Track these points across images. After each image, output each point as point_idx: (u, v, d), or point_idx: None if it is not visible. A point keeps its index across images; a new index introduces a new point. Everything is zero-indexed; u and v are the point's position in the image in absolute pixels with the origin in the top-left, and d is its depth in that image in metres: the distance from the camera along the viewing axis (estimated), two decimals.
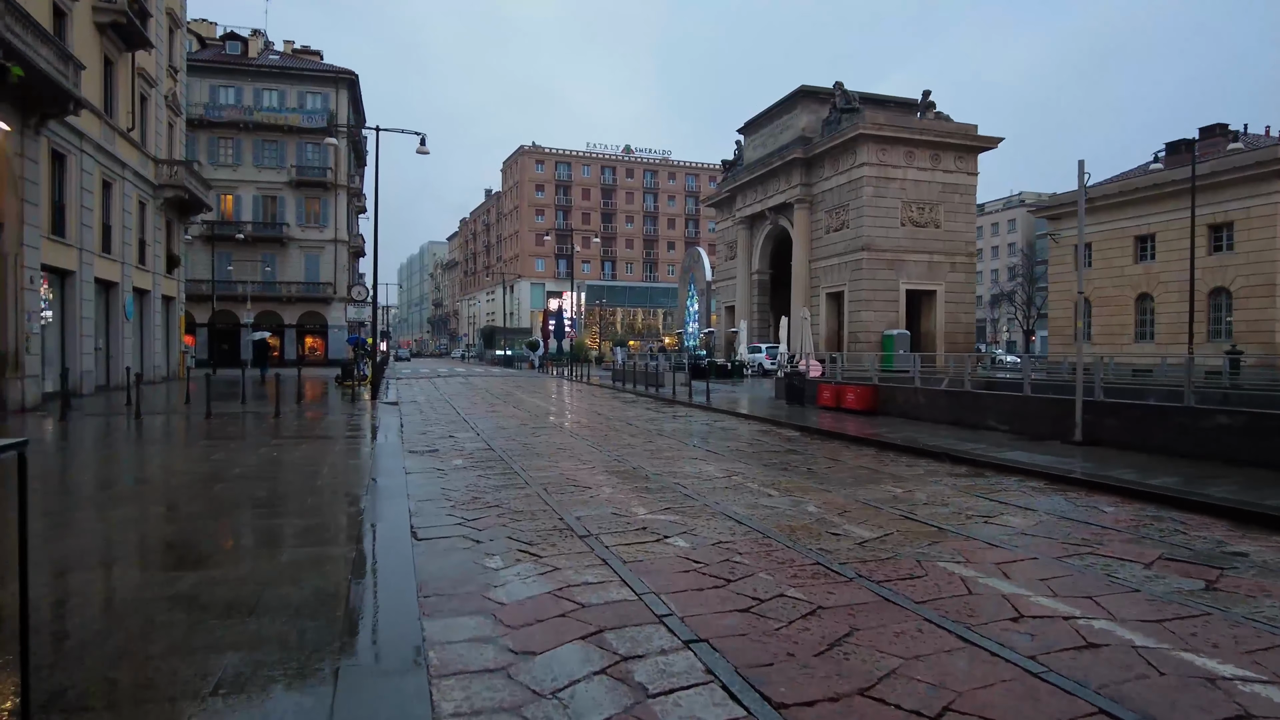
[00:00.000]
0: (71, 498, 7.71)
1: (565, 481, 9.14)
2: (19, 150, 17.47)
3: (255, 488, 8.11)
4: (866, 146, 40.37)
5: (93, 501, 7.53)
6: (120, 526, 6.47)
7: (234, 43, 52.91)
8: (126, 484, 8.61)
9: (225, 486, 8.15)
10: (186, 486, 8.25)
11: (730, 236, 54.94)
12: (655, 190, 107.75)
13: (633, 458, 11.09)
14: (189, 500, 7.49)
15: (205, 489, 8.04)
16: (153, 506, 7.27)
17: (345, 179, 52.22)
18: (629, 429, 15.13)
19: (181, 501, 7.46)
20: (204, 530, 6.28)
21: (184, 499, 7.57)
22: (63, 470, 9.35)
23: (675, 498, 8.17)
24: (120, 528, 6.43)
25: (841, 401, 17.51)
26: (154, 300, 27.30)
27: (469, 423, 16.18)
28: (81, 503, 7.45)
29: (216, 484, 8.29)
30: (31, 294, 17.90)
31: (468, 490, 8.62)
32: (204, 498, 7.62)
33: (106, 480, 8.81)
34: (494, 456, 11.26)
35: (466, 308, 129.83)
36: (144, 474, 9.17)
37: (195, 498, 7.62)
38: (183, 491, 7.98)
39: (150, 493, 8.01)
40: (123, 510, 7.05)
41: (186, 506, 7.22)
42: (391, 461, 10.18)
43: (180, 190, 27.90)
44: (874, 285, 40.77)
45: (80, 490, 8.16)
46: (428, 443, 12.90)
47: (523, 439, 13.38)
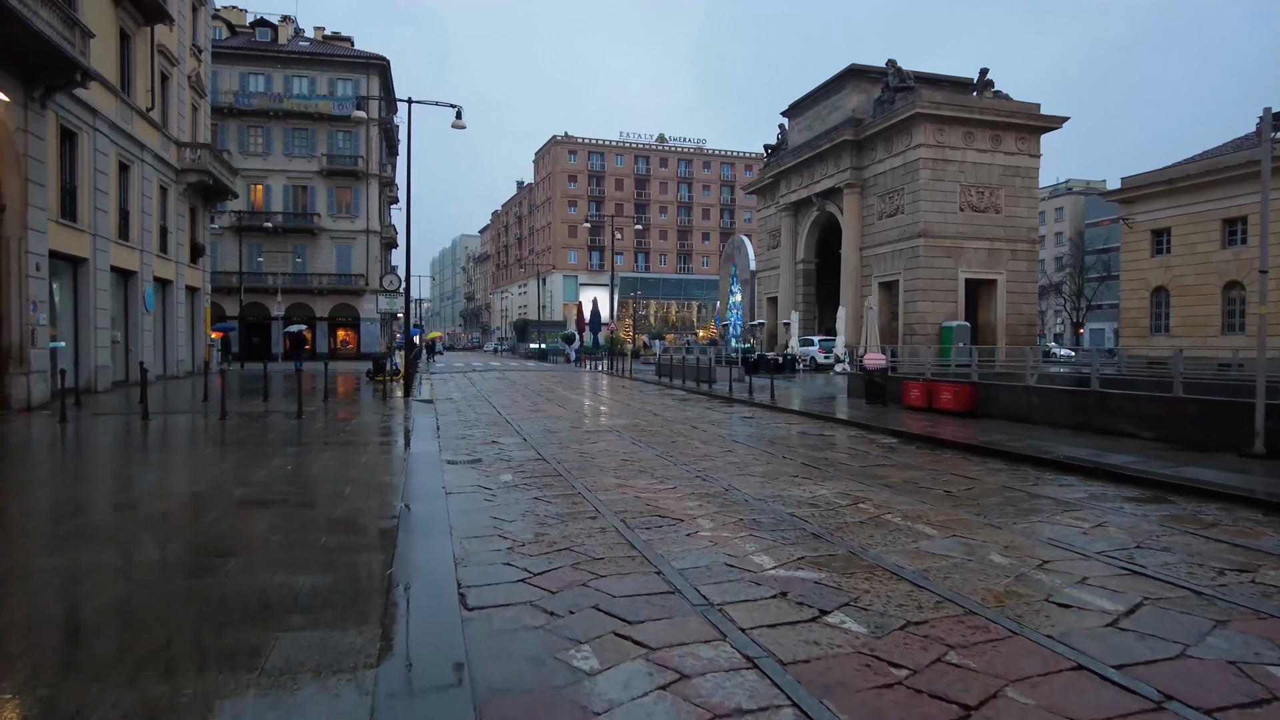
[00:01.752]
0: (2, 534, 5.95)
1: (646, 509, 7.22)
2: (22, 125, 15.94)
3: (254, 520, 6.29)
4: (923, 127, 37.96)
5: (28, 541, 5.75)
6: (43, 589, 4.67)
7: (264, 29, 51.72)
8: (92, 514, 6.85)
9: (216, 518, 6.35)
10: (162, 520, 6.46)
11: (773, 224, 52.70)
12: (690, 180, 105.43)
13: (717, 473, 9.13)
14: (160, 543, 5.68)
15: (190, 522, 6.25)
16: (104, 553, 5.42)
17: (377, 168, 50.82)
18: (697, 434, 13.17)
19: (148, 545, 5.64)
20: (158, 602, 4.45)
21: (152, 540, 5.75)
22: (18, 491, 7.64)
23: (801, 537, 6.21)
24: (42, 591, 4.63)
25: (934, 401, 15.39)
26: (177, 291, 25.88)
27: (512, 425, 14.34)
28: (10, 545, 5.67)
29: (206, 514, 6.49)
30: (37, 282, 16.39)
31: (525, 521, 6.74)
32: (182, 537, 5.82)
33: (66, 508, 7.06)
34: (548, 470, 9.38)
35: (499, 301, 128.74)
36: (119, 498, 7.41)
37: (170, 538, 5.81)
38: (155, 529, 6.18)
39: (111, 529, 6.22)
40: (60, 559, 5.24)
41: (150, 553, 5.39)
42: (428, 478, 8.34)
43: (204, 175, 26.45)
44: (931, 274, 38.40)
45: (19, 525, 6.40)
46: (468, 450, 11.08)
47: (578, 446, 11.49)
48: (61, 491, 7.52)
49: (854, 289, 43.21)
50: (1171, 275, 35.08)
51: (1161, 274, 35.75)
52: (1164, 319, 36.13)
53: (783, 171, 49.48)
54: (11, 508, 6.70)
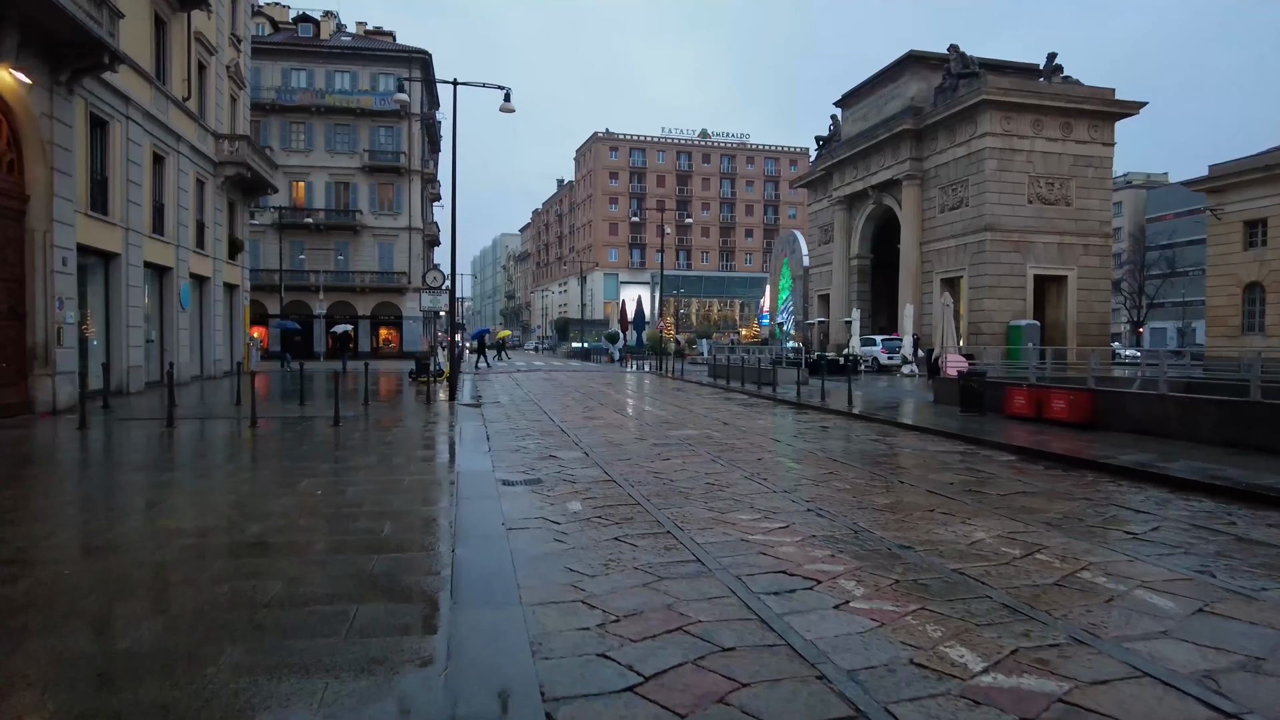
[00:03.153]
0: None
1: (762, 560, 5.63)
2: (47, 110, 14.90)
3: (264, 579, 4.84)
4: (989, 114, 35.79)
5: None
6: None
7: (306, 25, 51.21)
8: (41, 566, 5.47)
9: (215, 576, 4.91)
10: (137, 580, 5.04)
11: (825, 219, 50.71)
12: (733, 176, 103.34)
13: (830, 505, 7.51)
14: (123, 621, 4.26)
15: (180, 581, 4.82)
16: (22, 644, 4.04)
17: (419, 164, 49.95)
18: (781, 448, 11.55)
19: (117, 622, 4.23)
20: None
21: (115, 614, 4.33)
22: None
23: (992, 612, 4.57)
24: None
25: (1044, 410, 13.53)
26: (214, 288, 24.95)
27: (568, 434, 12.86)
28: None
29: (202, 567, 5.06)
30: (63, 277, 15.37)
31: (612, 576, 5.19)
32: (160, 610, 4.39)
33: (15, 553, 5.71)
34: (622, 497, 7.85)
35: (539, 299, 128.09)
36: (94, 538, 6.02)
37: (139, 613, 4.39)
38: (123, 592, 4.76)
39: (57, 592, 4.82)
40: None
41: (96, 644, 3.98)
42: (483, 508, 6.87)
43: (242, 168, 25.49)
44: (998, 270, 36.20)
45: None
46: (525, 467, 9.60)
47: (648, 463, 9.94)
48: (26, 527, 6.18)
49: (913, 286, 41.17)
50: (1268, 270, 32.41)
51: (1256, 269, 33.08)
52: (1258, 317, 33.45)
53: (836, 163, 47.53)
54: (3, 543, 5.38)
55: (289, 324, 34.85)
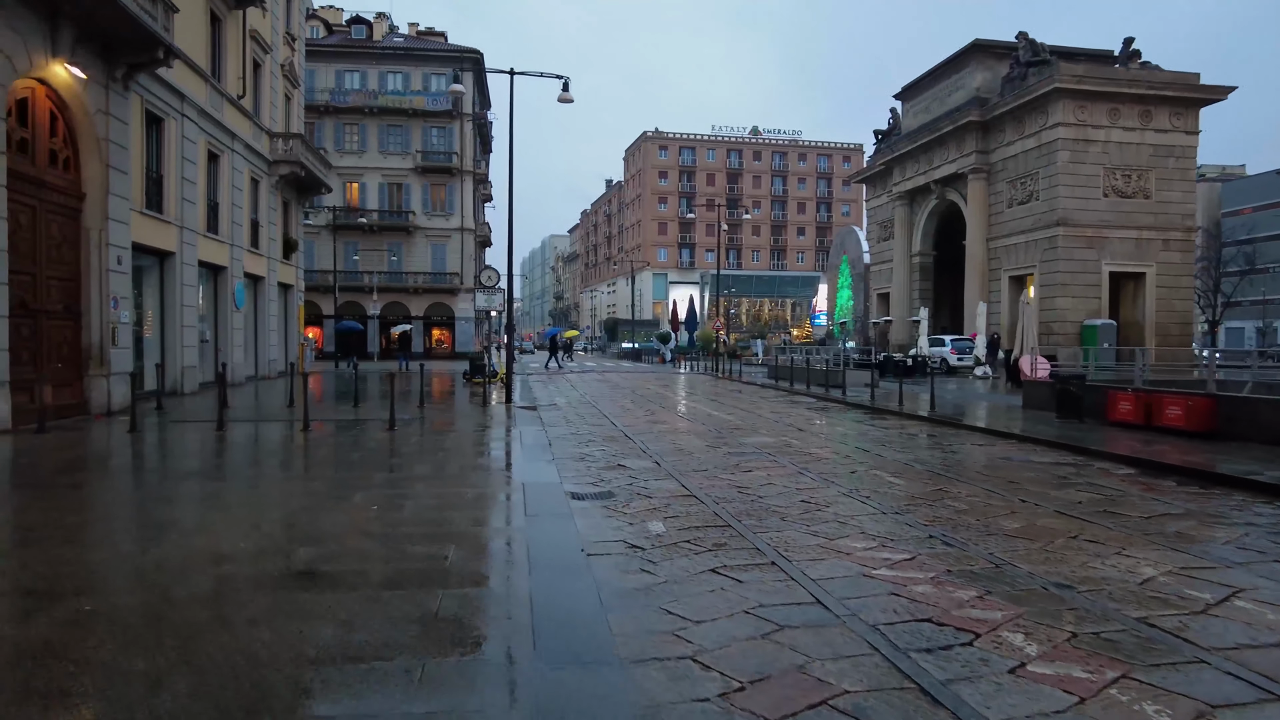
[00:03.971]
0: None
1: (898, 602, 4.70)
2: (103, 107, 14.63)
3: (311, 622, 4.08)
4: (1062, 103, 33.97)
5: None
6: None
7: (359, 26, 51.48)
8: (58, 601, 4.80)
9: (252, 616, 4.17)
10: (167, 620, 4.33)
11: (884, 214, 49.11)
12: (784, 173, 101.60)
13: (956, 531, 6.52)
14: (149, 680, 3.52)
15: (210, 620, 4.09)
16: (21, 711, 3.34)
17: (471, 164, 49.80)
18: (872, 459, 10.54)
19: (134, 683, 3.50)
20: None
21: (142, 671, 3.60)
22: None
23: (1217, 683, 3.58)
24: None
25: (1156, 417, 12.24)
26: (269, 287, 24.79)
27: (634, 440, 12.02)
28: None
29: (240, 604, 4.33)
30: (118, 276, 15.09)
31: (720, 623, 4.32)
32: (191, 661, 3.65)
33: (60, 580, 5.07)
34: (707, 516, 6.97)
35: (588, 300, 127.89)
36: (136, 564, 5.36)
37: (164, 671, 3.65)
38: (143, 640, 4.05)
39: (81, 641, 4.13)
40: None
41: (123, 711, 3.24)
42: (555, 529, 6.07)
43: (296, 167, 25.29)
44: (1071, 267, 34.35)
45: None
46: (593, 478, 8.79)
47: (728, 476, 9.04)
48: (55, 548, 5.55)
49: (979, 284, 39.49)
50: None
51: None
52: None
53: (896, 158, 45.94)
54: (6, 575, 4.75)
55: (352, 324, 34.36)
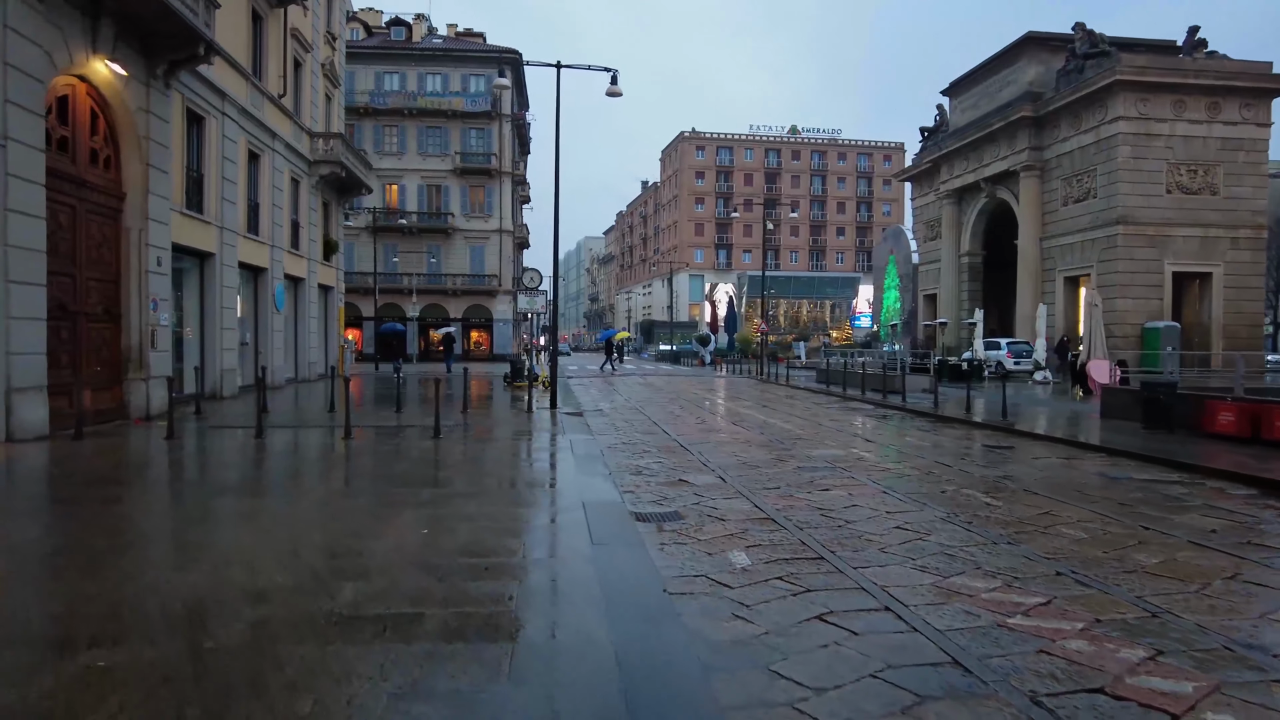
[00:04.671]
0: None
1: (1054, 664, 3.88)
2: (143, 105, 14.29)
3: (358, 676, 3.41)
4: (1122, 96, 32.50)
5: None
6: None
7: (398, 28, 51.49)
8: (75, 662, 4.19)
9: (298, 674, 3.49)
10: (197, 679, 3.67)
11: (931, 214, 47.79)
12: (824, 172, 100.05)
13: (1092, 568, 5.66)
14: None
15: (249, 684, 3.41)
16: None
17: (509, 166, 49.48)
18: (964, 479, 9.65)
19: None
20: None
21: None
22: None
23: None
24: None
25: (1265, 430, 11.17)
26: (309, 289, 24.50)
27: (691, 451, 11.27)
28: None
29: (281, 656, 3.67)
30: (158, 277, 14.75)
31: (845, 689, 3.55)
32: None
33: (67, 625, 4.48)
34: (794, 544, 6.20)
35: (623, 302, 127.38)
36: (156, 602, 4.73)
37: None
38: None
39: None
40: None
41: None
42: (628, 561, 5.35)
43: (337, 167, 24.98)
44: (1131, 267, 32.83)
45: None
46: (656, 495, 8.06)
47: (805, 495, 8.25)
48: (70, 581, 4.97)
49: (1032, 285, 38.14)
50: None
51: None
52: None
53: (944, 155, 44.65)
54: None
55: (395, 326, 33.74)
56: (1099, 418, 15.24)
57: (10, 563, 5.22)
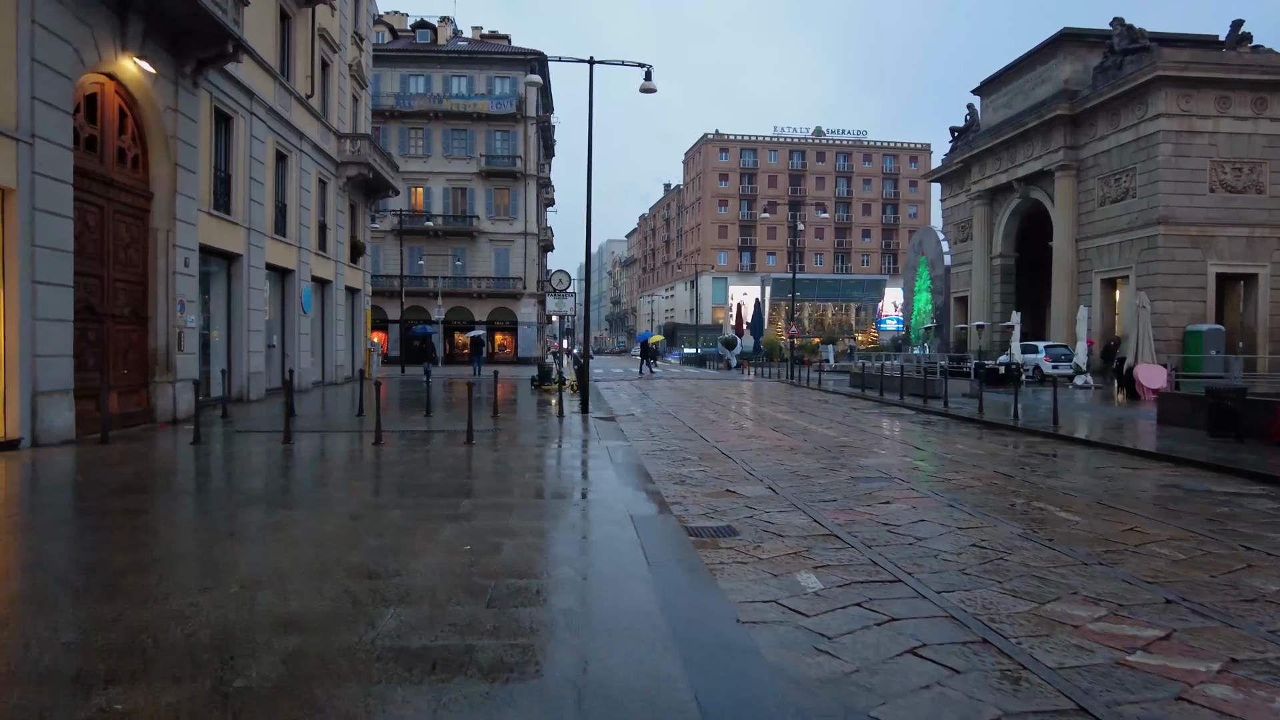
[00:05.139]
0: None
1: (1203, 718, 3.39)
2: (171, 103, 14.07)
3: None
4: (1164, 93, 31.59)
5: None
6: None
7: (424, 31, 51.50)
8: (73, 713, 3.78)
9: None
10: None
11: (961, 215, 46.97)
12: (849, 174, 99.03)
13: (1205, 595, 5.09)
14: None
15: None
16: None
17: (534, 168, 49.26)
18: (1033, 491, 9.07)
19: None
20: None
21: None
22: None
23: None
24: None
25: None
26: (336, 291, 24.29)
27: (734, 459, 10.78)
28: None
29: (319, 706, 3.26)
30: (185, 279, 14.51)
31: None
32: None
33: (73, 662, 4.08)
34: (865, 564, 5.70)
35: (645, 304, 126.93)
36: (177, 634, 4.34)
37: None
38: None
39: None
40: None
41: None
42: (691, 586, 4.88)
43: (364, 168, 24.77)
44: (1172, 268, 31.89)
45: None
46: (706, 508, 7.59)
47: (864, 508, 7.74)
48: (86, 606, 4.58)
49: (1067, 287, 37.25)
50: None
51: None
52: None
53: (975, 155, 43.85)
54: None
55: (427, 329, 33.11)
56: (1155, 424, 14.54)
57: (26, 583, 4.86)
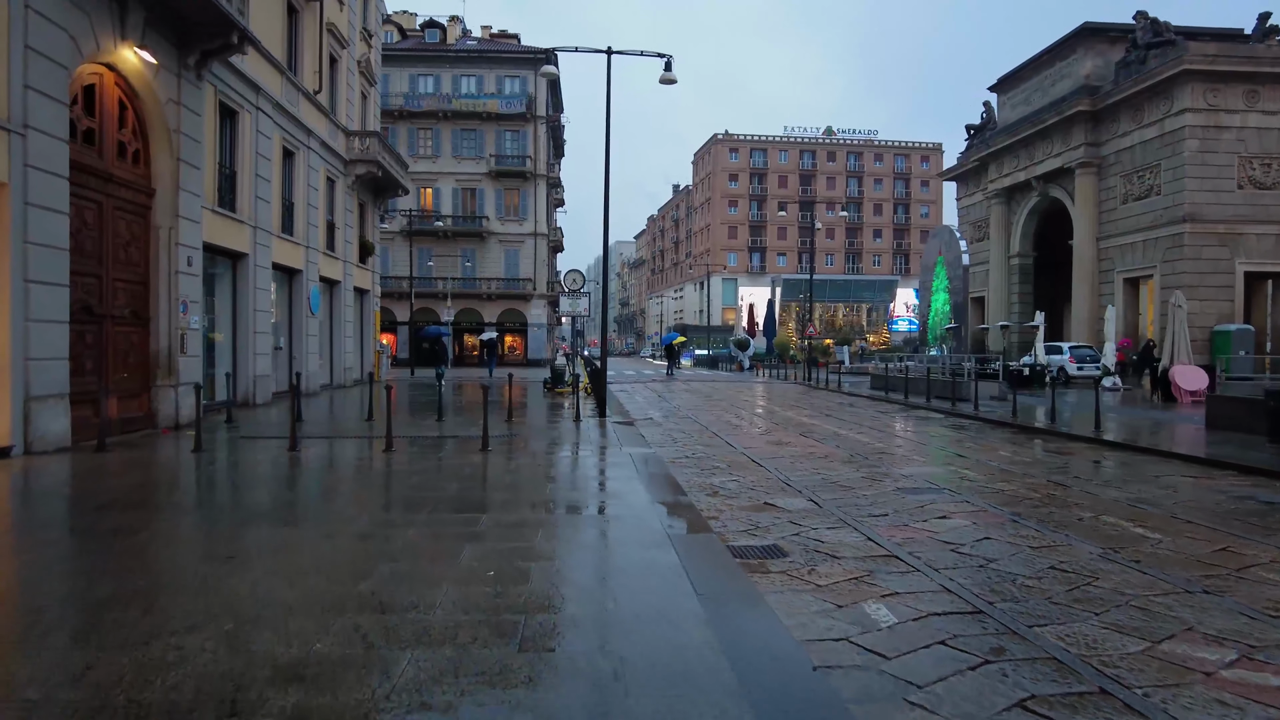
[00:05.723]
0: None
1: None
2: (174, 96, 13.53)
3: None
4: (1190, 87, 30.84)
5: None
6: None
7: (433, 30, 51.05)
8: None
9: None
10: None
11: (978, 214, 46.22)
12: (860, 174, 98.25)
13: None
14: None
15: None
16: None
17: (544, 168, 48.72)
18: (1085, 500, 8.41)
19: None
20: None
21: None
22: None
23: None
24: None
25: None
26: (344, 292, 23.75)
27: (767, 469, 10.14)
28: None
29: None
30: (188, 278, 13.97)
31: None
32: None
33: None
34: (935, 591, 5.06)
35: (654, 306, 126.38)
36: (159, 687, 3.78)
37: None
38: None
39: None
40: None
41: None
42: (747, 620, 4.25)
43: (373, 166, 24.24)
44: (1199, 267, 31.11)
45: None
46: (746, 523, 6.96)
47: (919, 524, 7.09)
48: (54, 656, 3.98)
49: (1088, 287, 36.49)
50: None
51: None
52: None
53: (992, 153, 43.13)
54: None
55: (441, 330, 32.18)
56: (1204, 428, 13.83)
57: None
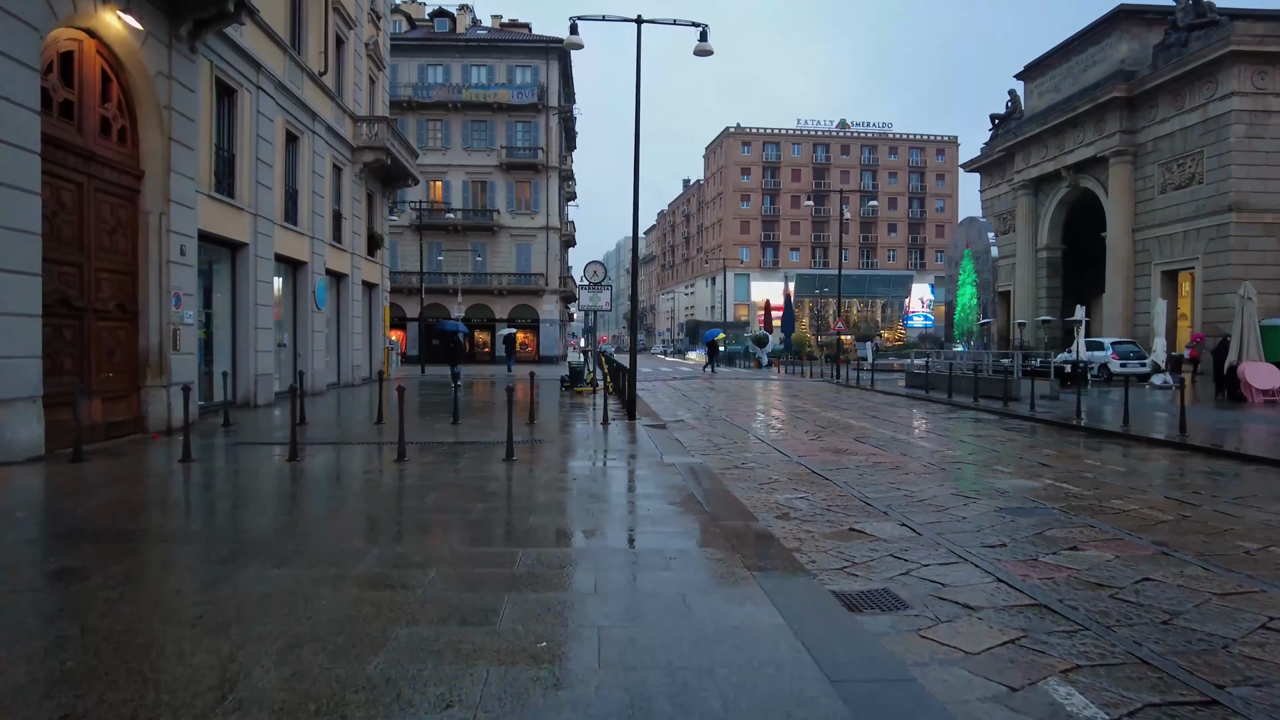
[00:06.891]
0: None
1: None
2: (165, 70, 12.32)
3: None
4: (1236, 69, 29.43)
5: None
6: None
7: (442, 20, 49.82)
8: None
9: None
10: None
11: (1002, 206, 44.85)
12: (874, 168, 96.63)
13: None
14: None
15: None
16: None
17: (556, 160, 47.45)
18: (1215, 519, 7.08)
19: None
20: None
21: None
22: None
23: None
24: None
25: None
26: (352, 286, 22.54)
27: (835, 483, 8.86)
28: None
29: None
30: (181, 269, 12.77)
31: None
32: None
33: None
34: (1113, 654, 3.79)
35: (665, 302, 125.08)
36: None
37: None
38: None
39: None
40: None
41: None
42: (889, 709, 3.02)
43: (382, 154, 23.02)
44: (1245, 259, 29.75)
45: None
46: (838, 560, 5.69)
47: (1051, 557, 5.80)
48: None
49: (1123, 280, 35.13)
50: None
51: None
52: None
53: (1019, 143, 41.75)
54: None
55: (459, 326, 30.62)
56: (1264, 424, 12.48)
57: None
